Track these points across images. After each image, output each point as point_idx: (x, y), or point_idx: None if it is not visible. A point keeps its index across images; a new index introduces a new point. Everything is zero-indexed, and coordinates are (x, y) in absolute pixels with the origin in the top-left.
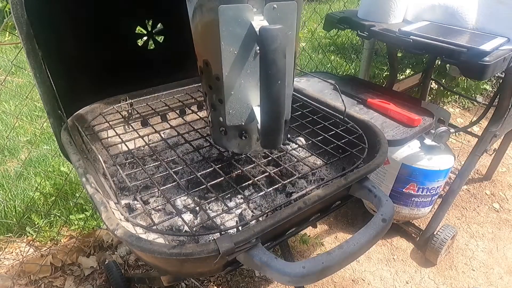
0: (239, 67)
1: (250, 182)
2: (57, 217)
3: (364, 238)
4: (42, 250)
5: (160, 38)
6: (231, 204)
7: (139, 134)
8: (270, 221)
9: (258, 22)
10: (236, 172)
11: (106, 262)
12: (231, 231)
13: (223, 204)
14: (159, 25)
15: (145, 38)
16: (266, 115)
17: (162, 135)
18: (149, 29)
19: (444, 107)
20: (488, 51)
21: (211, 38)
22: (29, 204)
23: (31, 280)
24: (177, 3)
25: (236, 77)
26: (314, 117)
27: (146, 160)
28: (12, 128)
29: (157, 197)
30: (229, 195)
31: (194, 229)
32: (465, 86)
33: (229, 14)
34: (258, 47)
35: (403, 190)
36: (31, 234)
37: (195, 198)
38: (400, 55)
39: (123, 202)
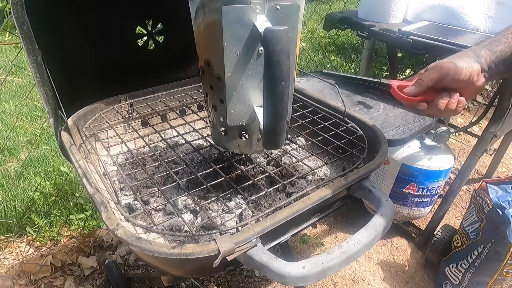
0: (242, 68)
1: (250, 182)
2: (57, 217)
3: (364, 238)
4: (42, 250)
5: (160, 38)
6: (231, 204)
7: (139, 134)
8: (270, 221)
9: (262, 23)
10: (236, 172)
11: (106, 262)
12: (231, 231)
13: (223, 204)
14: (159, 25)
15: (145, 38)
16: (269, 116)
17: (162, 135)
18: (149, 29)
19: None
20: None
21: (213, 38)
22: (29, 204)
23: (31, 280)
24: (177, 3)
25: (238, 77)
26: (314, 118)
27: (146, 160)
28: (12, 128)
29: (157, 197)
30: (229, 195)
31: (194, 229)
32: None
33: (232, 15)
34: (261, 48)
35: (403, 190)
36: (31, 234)
37: (195, 198)
38: (400, 55)
39: (123, 202)
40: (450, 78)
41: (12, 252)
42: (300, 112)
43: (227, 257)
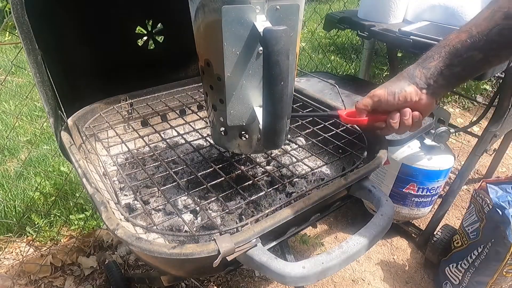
0: (241, 68)
1: (250, 182)
2: (57, 217)
3: (364, 238)
4: (42, 250)
5: (160, 38)
6: (231, 204)
7: (139, 134)
8: (270, 221)
9: (261, 22)
10: (236, 172)
11: (106, 262)
12: (231, 231)
13: (223, 204)
14: (159, 25)
15: (145, 38)
16: (269, 116)
17: (162, 135)
18: (149, 29)
19: (444, 107)
20: None
21: (213, 38)
22: (29, 204)
23: (31, 280)
24: (177, 3)
25: (238, 77)
26: (314, 117)
27: (146, 160)
28: (12, 128)
29: (157, 197)
30: (229, 195)
31: (194, 229)
32: (465, 86)
33: (232, 15)
34: (260, 48)
35: (403, 190)
36: (31, 234)
37: (195, 198)
38: (400, 55)
39: (123, 202)
40: (384, 104)
41: (12, 252)
42: (300, 112)
43: (227, 257)
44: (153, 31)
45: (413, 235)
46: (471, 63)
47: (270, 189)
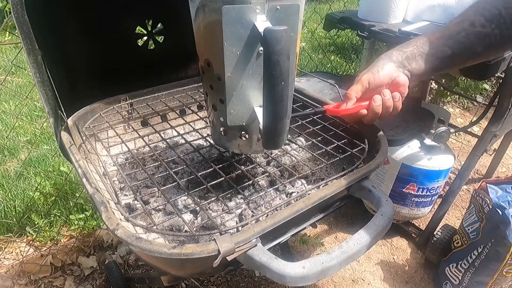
0: (242, 68)
1: (250, 182)
2: (57, 217)
3: (364, 238)
4: (42, 250)
5: (160, 38)
6: (231, 204)
7: (139, 134)
8: (270, 221)
9: (262, 23)
10: (236, 172)
11: (106, 262)
12: (231, 231)
13: (223, 204)
14: (159, 25)
15: (145, 38)
16: (269, 116)
17: (162, 135)
18: (149, 29)
19: (444, 107)
20: None
21: (213, 38)
22: (29, 204)
23: (31, 280)
24: (177, 3)
25: (238, 77)
26: (314, 118)
27: (146, 160)
28: (12, 128)
29: (157, 197)
30: (229, 195)
31: (194, 229)
32: (464, 86)
33: (232, 15)
34: (261, 48)
35: (403, 190)
36: (31, 234)
37: (195, 198)
38: None
39: (123, 202)
40: (372, 83)
41: (12, 252)
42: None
43: (227, 257)
44: (153, 31)
45: (413, 235)
46: (441, 56)
47: (270, 189)
